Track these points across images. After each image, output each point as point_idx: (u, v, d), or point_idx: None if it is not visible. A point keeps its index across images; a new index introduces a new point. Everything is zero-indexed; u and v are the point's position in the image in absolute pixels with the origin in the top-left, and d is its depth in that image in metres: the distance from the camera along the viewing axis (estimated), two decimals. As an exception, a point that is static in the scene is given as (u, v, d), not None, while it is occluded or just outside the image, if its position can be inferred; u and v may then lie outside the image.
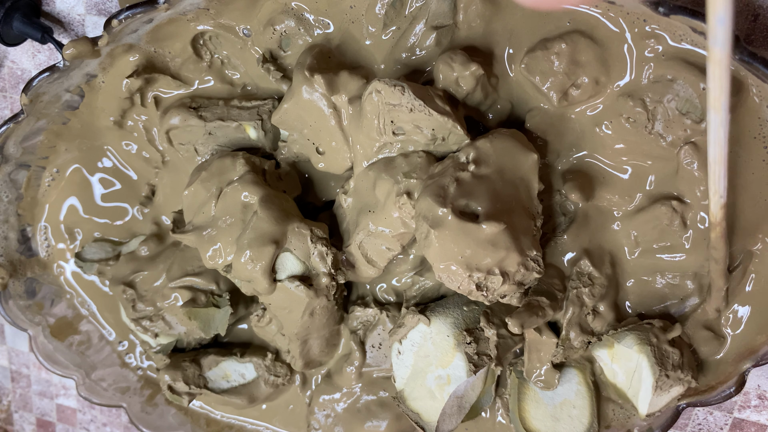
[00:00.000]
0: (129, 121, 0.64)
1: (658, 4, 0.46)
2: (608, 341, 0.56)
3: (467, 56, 0.53)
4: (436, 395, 0.58)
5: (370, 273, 0.58)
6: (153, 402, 0.73)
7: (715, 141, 0.42)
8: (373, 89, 0.52)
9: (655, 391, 0.54)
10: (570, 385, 0.60)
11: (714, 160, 0.44)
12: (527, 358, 0.58)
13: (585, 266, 0.57)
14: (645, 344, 0.55)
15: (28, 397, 0.89)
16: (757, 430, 0.66)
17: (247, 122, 0.60)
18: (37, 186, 0.68)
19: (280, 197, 0.59)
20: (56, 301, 0.72)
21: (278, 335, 0.64)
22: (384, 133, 0.53)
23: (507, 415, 0.63)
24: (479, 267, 0.49)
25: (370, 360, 0.65)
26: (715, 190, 0.46)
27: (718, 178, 0.45)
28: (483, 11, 0.53)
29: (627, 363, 0.56)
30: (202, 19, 0.58)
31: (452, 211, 0.49)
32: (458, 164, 0.52)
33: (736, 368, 0.56)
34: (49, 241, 0.71)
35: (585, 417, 0.60)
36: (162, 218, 0.68)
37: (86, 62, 0.58)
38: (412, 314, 0.59)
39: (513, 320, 0.54)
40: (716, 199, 0.47)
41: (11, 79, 0.71)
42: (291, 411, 0.71)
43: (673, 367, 0.54)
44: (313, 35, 0.57)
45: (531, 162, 0.52)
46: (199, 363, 0.66)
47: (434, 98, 0.52)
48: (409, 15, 0.55)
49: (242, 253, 0.56)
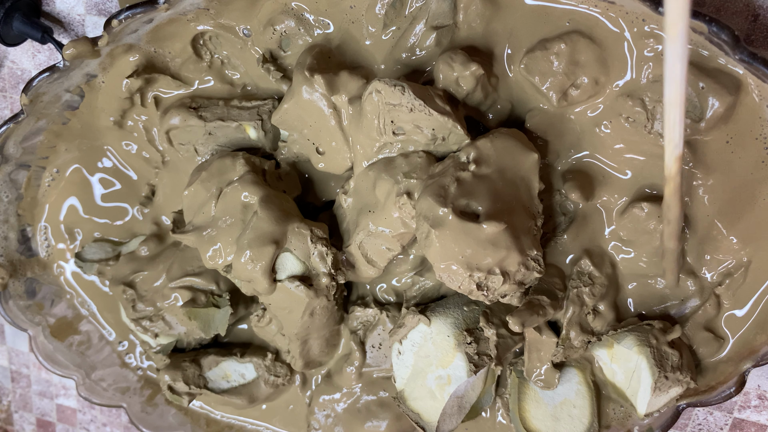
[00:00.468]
0: (129, 121, 0.64)
1: (658, 4, 0.46)
2: (608, 341, 0.56)
3: (467, 56, 0.53)
4: (436, 395, 0.58)
5: (370, 273, 0.58)
6: (153, 402, 0.73)
7: (672, 78, 0.37)
8: (373, 89, 0.52)
9: (654, 392, 0.54)
10: (570, 385, 0.60)
11: (670, 102, 0.39)
12: (527, 357, 0.58)
13: (585, 266, 0.57)
14: (644, 345, 0.55)
15: (28, 397, 0.89)
16: (757, 430, 0.66)
17: (247, 122, 0.60)
18: (37, 186, 0.68)
19: (280, 197, 0.59)
20: (56, 301, 0.72)
21: (278, 335, 0.64)
22: (384, 133, 0.54)
23: (507, 414, 0.63)
24: (480, 267, 0.49)
25: (370, 360, 0.65)
26: (670, 139, 0.41)
27: (673, 123, 0.40)
28: (483, 11, 0.53)
29: (626, 363, 0.56)
30: (202, 19, 0.58)
31: (453, 210, 0.49)
32: (459, 164, 0.52)
33: (736, 368, 0.56)
34: (49, 241, 0.71)
35: (585, 417, 0.60)
36: (162, 218, 0.68)
37: (86, 62, 0.58)
38: (413, 314, 0.59)
39: (514, 318, 0.54)
40: (671, 149, 0.42)
41: (11, 79, 0.71)
42: (291, 411, 0.71)
43: (672, 368, 0.54)
44: (313, 35, 0.58)
45: (531, 162, 0.53)
46: (199, 363, 0.66)
47: (434, 98, 0.52)
48: (409, 15, 0.55)
49: (242, 253, 0.56)
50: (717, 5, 0.52)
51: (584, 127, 0.55)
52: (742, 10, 0.52)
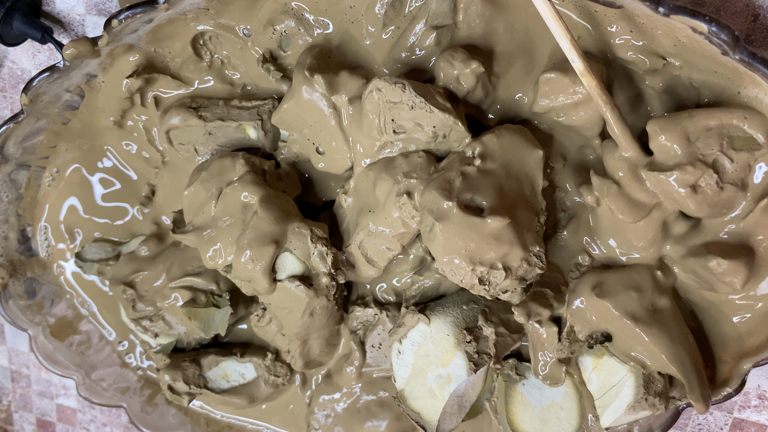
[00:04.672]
0: (129, 121, 0.64)
1: (658, 4, 0.46)
2: (599, 350, 0.56)
3: (468, 54, 0.53)
4: (436, 394, 0.58)
5: (370, 273, 0.58)
6: (153, 402, 0.73)
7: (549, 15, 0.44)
8: (373, 87, 0.52)
9: (627, 410, 0.54)
10: (557, 388, 0.60)
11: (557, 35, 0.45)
12: (533, 355, 0.58)
13: (584, 260, 0.57)
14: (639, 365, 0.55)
15: (28, 397, 0.89)
16: (757, 430, 0.66)
17: (247, 122, 0.60)
18: (37, 186, 0.68)
19: (280, 197, 0.59)
20: (56, 301, 0.72)
21: (278, 335, 0.64)
22: (385, 132, 0.54)
23: (495, 417, 0.63)
24: (482, 261, 0.49)
25: (370, 360, 0.65)
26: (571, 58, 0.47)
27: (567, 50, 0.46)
28: (483, 11, 0.53)
29: (609, 376, 0.55)
30: (202, 19, 0.58)
31: (457, 204, 0.49)
32: (464, 158, 0.52)
33: (736, 368, 0.56)
34: (49, 241, 0.71)
35: (573, 419, 0.60)
36: (162, 218, 0.68)
37: (86, 62, 0.58)
38: (412, 314, 0.59)
39: (519, 309, 0.54)
40: (577, 66, 0.47)
41: (11, 79, 0.71)
42: (291, 411, 0.71)
43: (655, 393, 0.54)
44: (313, 35, 0.58)
45: (536, 158, 0.53)
46: (199, 363, 0.66)
47: (435, 95, 0.52)
48: (409, 15, 0.55)
49: (242, 253, 0.56)
50: (717, 5, 0.52)
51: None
52: (742, 10, 0.52)
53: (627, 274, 0.55)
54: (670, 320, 0.54)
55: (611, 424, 0.56)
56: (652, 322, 0.53)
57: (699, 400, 0.53)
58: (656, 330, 0.53)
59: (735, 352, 0.56)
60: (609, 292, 0.54)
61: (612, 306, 0.53)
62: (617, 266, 0.56)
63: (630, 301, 0.53)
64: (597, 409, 0.57)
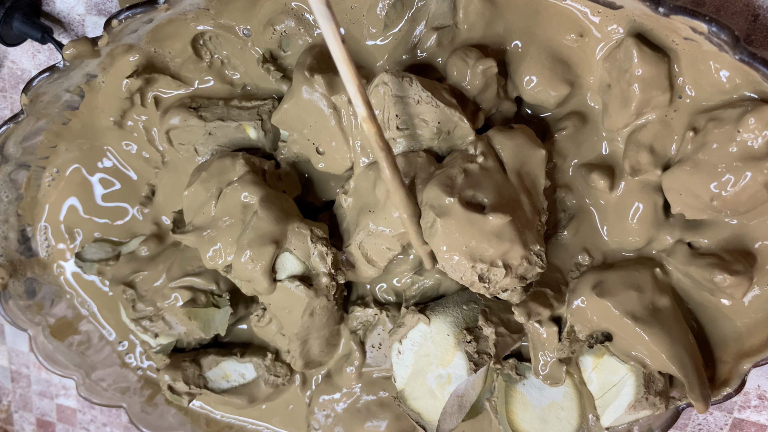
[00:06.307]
0: (129, 121, 0.64)
1: (658, 4, 0.46)
2: (599, 350, 0.56)
3: (481, 53, 0.53)
4: (436, 394, 0.58)
5: (370, 273, 0.58)
6: (153, 402, 0.73)
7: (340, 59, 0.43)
8: (380, 81, 0.52)
9: (628, 410, 0.54)
10: (557, 387, 0.60)
11: (345, 79, 0.44)
12: (533, 355, 0.58)
13: (584, 260, 0.57)
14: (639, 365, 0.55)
15: (28, 397, 0.89)
16: (757, 430, 0.66)
17: (247, 122, 0.60)
18: (37, 186, 0.68)
19: (280, 197, 0.59)
20: (56, 301, 0.72)
21: (278, 335, 0.64)
22: (388, 128, 0.54)
23: (495, 417, 0.63)
24: (483, 258, 0.49)
25: (370, 360, 0.65)
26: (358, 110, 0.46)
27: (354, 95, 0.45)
28: (482, 11, 0.53)
29: (610, 375, 0.56)
30: (202, 19, 0.58)
31: (459, 201, 0.50)
32: (467, 156, 0.52)
33: (736, 368, 0.56)
34: (49, 241, 0.71)
35: (573, 418, 0.60)
36: (162, 218, 0.68)
37: (86, 62, 0.58)
38: (412, 314, 0.59)
39: (519, 309, 0.54)
40: (360, 111, 0.46)
41: (11, 79, 0.71)
42: (291, 411, 0.71)
43: (655, 392, 0.54)
44: (313, 35, 0.58)
45: (539, 157, 0.53)
46: (199, 363, 0.66)
47: (441, 90, 0.52)
48: (410, 16, 0.55)
49: (242, 253, 0.56)
50: (717, 5, 0.52)
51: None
52: (742, 10, 0.52)
53: (627, 273, 0.55)
54: (670, 320, 0.54)
55: (612, 424, 0.56)
56: (653, 321, 0.53)
57: (699, 399, 0.53)
58: (656, 329, 0.53)
59: (735, 352, 0.56)
60: (609, 291, 0.54)
61: (612, 305, 0.53)
62: (617, 265, 0.56)
63: (630, 300, 0.53)
64: (597, 409, 0.57)
